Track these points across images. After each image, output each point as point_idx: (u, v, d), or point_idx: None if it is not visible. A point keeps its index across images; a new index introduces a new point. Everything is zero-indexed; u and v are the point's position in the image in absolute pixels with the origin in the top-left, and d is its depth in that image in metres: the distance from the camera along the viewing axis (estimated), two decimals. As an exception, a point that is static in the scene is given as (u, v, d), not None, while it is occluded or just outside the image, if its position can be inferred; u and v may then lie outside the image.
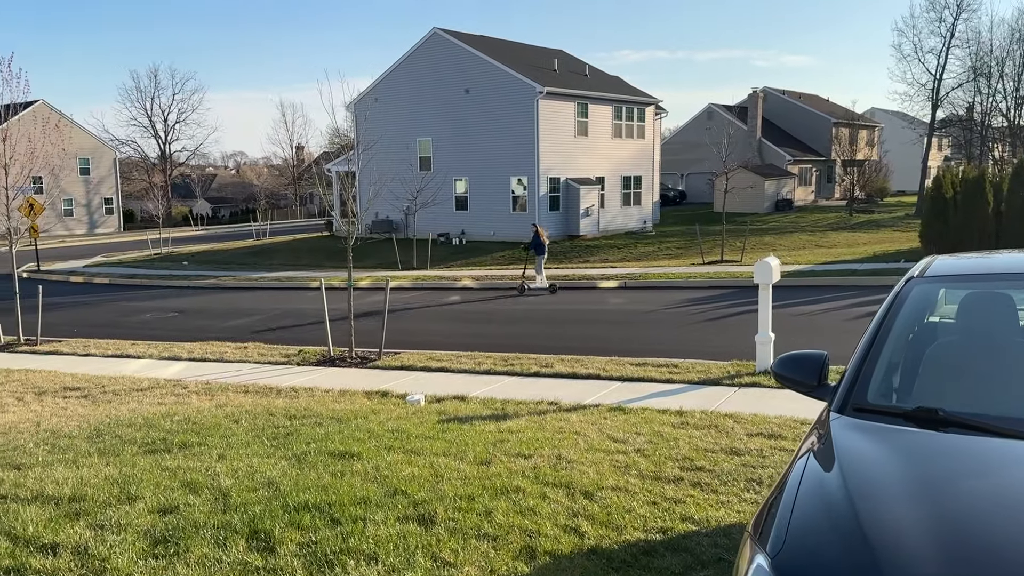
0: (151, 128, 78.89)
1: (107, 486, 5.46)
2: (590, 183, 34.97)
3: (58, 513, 4.93)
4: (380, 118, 31.33)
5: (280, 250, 37.83)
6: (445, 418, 7.91)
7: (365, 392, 9.77)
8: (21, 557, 4.18)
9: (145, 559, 4.17)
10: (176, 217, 70.18)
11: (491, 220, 34.46)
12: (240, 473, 5.76)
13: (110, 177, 65.83)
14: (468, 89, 34.40)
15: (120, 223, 66.49)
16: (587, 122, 35.23)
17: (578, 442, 6.75)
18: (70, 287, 27.69)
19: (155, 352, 13.48)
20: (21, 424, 8.24)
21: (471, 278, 24.56)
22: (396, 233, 34.57)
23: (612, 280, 22.55)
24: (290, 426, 7.62)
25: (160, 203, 50.39)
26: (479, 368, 11.08)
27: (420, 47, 36.29)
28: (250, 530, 4.53)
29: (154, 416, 8.26)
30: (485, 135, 34.18)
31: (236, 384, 10.55)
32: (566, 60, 39.63)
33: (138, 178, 75.51)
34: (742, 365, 10.38)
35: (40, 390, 10.37)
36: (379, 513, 4.84)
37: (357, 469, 5.84)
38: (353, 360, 12.21)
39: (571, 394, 9.13)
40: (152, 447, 6.81)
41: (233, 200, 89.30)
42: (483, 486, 5.40)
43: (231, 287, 26.07)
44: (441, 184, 33.34)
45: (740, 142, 45.61)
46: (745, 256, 26.16)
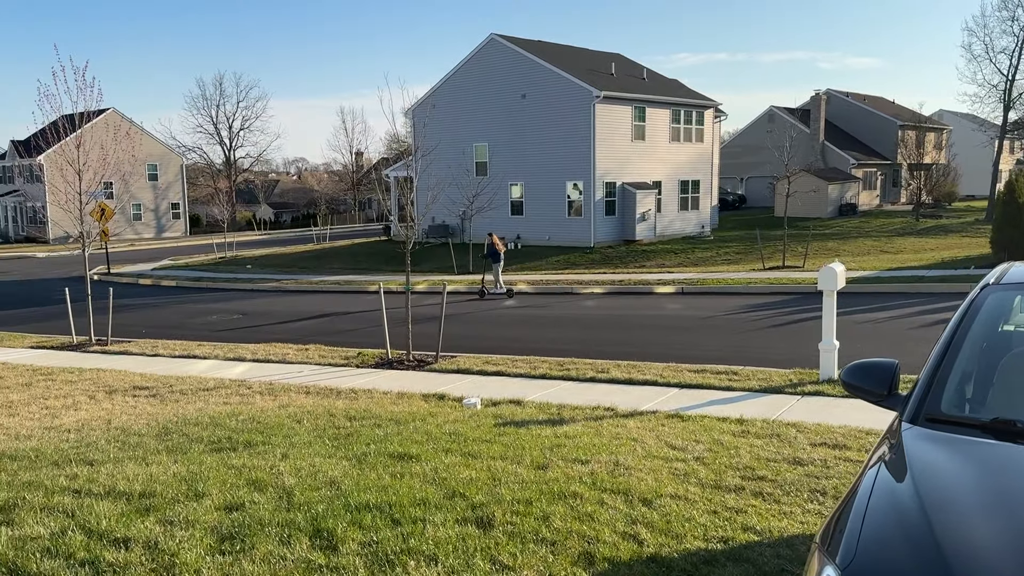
0: (216, 135, 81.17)
1: (175, 483, 5.62)
2: (647, 187, 34.69)
3: (129, 508, 5.09)
4: (437, 124, 31.62)
5: (339, 254, 38.48)
6: (501, 422, 7.93)
7: (422, 395, 9.86)
8: (95, 550, 4.33)
9: (212, 555, 4.28)
10: (240, 222, 71.97)
11: (546, 225, 34.45)
12: (303, 472, 5.87)
13: (177, 183, 67.92)
14: (525, 94, 34.49)
15: (186, 227, 68.53)
16: (644, 126, 34.97)
17: (636, 449, 6.69)
18: (139, 289, 28.64)
19: (220, 353, 13.84)
20: (93, 421, 8.55)
21: (526, 282, 24.59)
22: (452, 238, 34.83)
23: (669, 285, 22.32)
24: (350, 427, 7.74)
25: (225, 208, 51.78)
26: (535, 372, 11.08)
27: (477, 53, 36.54)
28: (313, 528, 4.62)
29: (220, 415, 8.47)
30: (541, 140, 34.21)
31: (298, 385, 10.75)
32: (623, 64, 39.42)
33: (204, 184, 77.75)
34: (804, 373, 10.16)
35: (111, 389, 10.73)
36: (438, 515, 4.88)
37: (416, 471, 5.89)
38: (411, 363, 12.34)
39: (628, 400, 9.06)
40: (218, 445, 6.99)
41: (294, 205, 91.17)
42: (540, 491, 5.39)
43: (292, 290, 26.62)
44: (497, 189, 33.47)
45: (802, 145, 44.71)
46: (807, 262, 25.61)
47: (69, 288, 17.45)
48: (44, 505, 5.18)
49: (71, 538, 4.51)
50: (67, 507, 5.12)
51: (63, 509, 5.09)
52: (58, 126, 16.62)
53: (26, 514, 4.99)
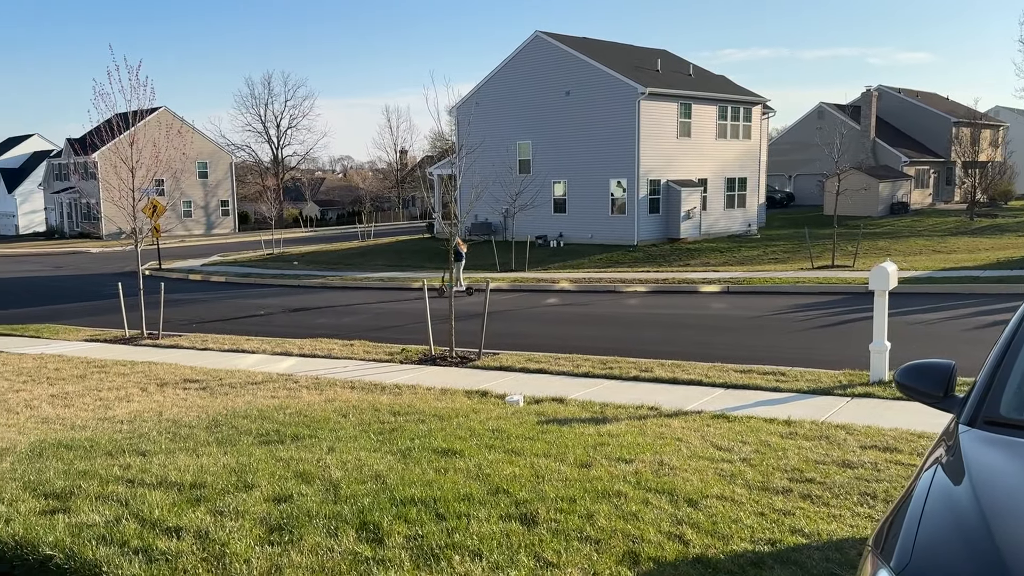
0: (264, 133, 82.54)
1: (225, 474, 5.73)
2: (692, 185, 34.33)
3: (181, 498, 5.20)
4: (481, 122, 31.73)
5: (383, 251, 38.84)
6: (544, 419, 7.92)
7: (465, 391, 9.90)
8: (148, 538, 4.44)
9: (262, 545, 4.35)
10: (287, 219, 73.11)
11: (589, 223, 34.32)
12: (349, 466, 5.93)
13: (226, 180, 69.25)
14: (569, 91, 34.39)
15: (235, 224, 69.84)
16: (690, 123, 34.61)
17: (680, 449, 6.63)
18: (189, 284, 29.26)
19: (268, 348, 14.07)
20: (145, 413, 8.76)
21: (569, 280, 24.53)
22: (495, 235, 34.90)
23: (714, 284, 22.07)
24: (395, 422, 7.80)
25: (272, 205, 52.60)
26: (577, 370, 11.05)
27: (522, 51, 36.54)
28: (360, 521, 4.66)
29: (267, 409, 8.62)
30: (585, 137, 34.08)
31: (343, 380, 10.88)
32: (669, 60, 39.06)
33: (252, 181, 79.13)
34: (854, 375, 9.96)
35: (162, 381, 10.98)
36: (482, 510, 4.89)
37: (460, 466, 5.92)
38: (453, 359, 12.40)
39: (672, 399, 8.98)
40: (266, 438, 7.11)
41: (340, 203, 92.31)
42: (584, 489, 5.38)
43: (338, 286, 26.94)
44: (540, 187, 33.45)
45: (853, 142, 43.80)
46: (857, 261, 25.10)
47: (122, 283, 17.90)
48: (99, 494, 5.32)
49: (125, 526, 4.63)
50: (121, 496, 5.25)
51: (117, 498, 5.22)
52: (112, 124, 17.07)
53: (82, 502, 5.14)
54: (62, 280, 32.44)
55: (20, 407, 9.31)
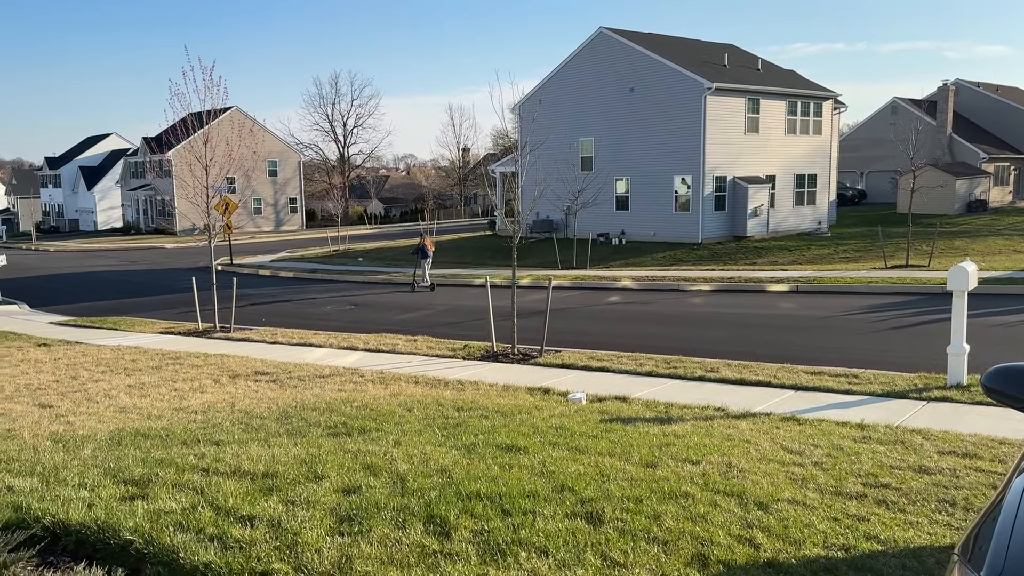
0: (331, 132, 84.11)
1: (296, 465, 5.85)
2: (759, 182, 33.64)
3: (253, 488, 5.33)
4: (543, 119, 31.64)
5: (445, 248, 39.15)
6: (607, 418, 7.87)
7: (528, 388, 9.90)
8: (223, 526, 4.56)
9: (332, 535, 4.42)
10: (352, 216, 74.36)
11: (652, 220, 33.94)
12: (415, 459, 6.00)
13: (295, 178, 70.84)
14: (633, 87, 34.06)
15: (303, 221, 71.39)
16: (758, 118, 33.90)
17: (749, 451, 6.50)
18: (259, 279, 30.03)
19: (335, 342, 14.33)
20: (218, 404, 9.01)
21: (631, 278, 24.32)
22: (556, 233, 34.83)
23: (782, 284, 21.59)
24: (458, 417, 7.85)
25: (338, 203, 53.53)
26: (640, 369, 10.94)
27: (586, 47, 36.34)
28: (427, 515, 4.71)
29: (335, 402, 8.77)
30: (648, 134, 33.71)
31: (407, 375, 11.01)
32: (737, 54, 38.33)
33: (319, 179, 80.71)
34: (931, 378, 9.62)
35: (234, 373, 11.29)
36: (547, 508, 4.88)
37: (524, 463, 5.92)
38: (515, 356, 12.42)
39: (739, 401, 8.82)
40: (334, 430, 7.24)
41: (403, 200, 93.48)
42: (651, 489, 5.31)
43: (401, 282, 27.27)
44: (602, 184, 33.21)
45: (928, 138, 42.31)
46: (932, 261, 24.23)
47: (195, 278, 18.47)
48: (175, 482, 5.49)
49: (201, 514, 4.76)
50: (196, 484, 5.41)
51: (193, 486, 5.38)
52: (187, 123, 17.60)
53: (159, 489, 5.31)
54: (138, 275, 33.65)
55: (99, 396, 9.69)
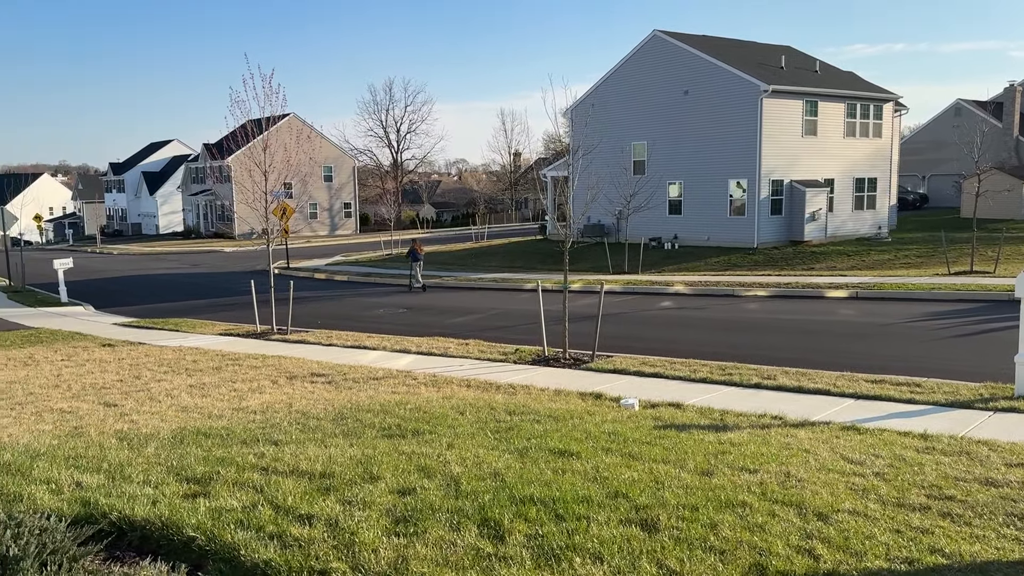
0: (385, 138, 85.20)
1: (352, 465, 5.93)
2: (817, 185, 32.97)
3: (311, 487, 5.42)
4: (596, 123, 31.52)
5: (496, 253, 39.28)
6: (661, 424, 7.80)
7: (579, 393, 9.87)
8: (282, 525, 4.65)
9: (388, 536, 4.47)
10: (405, 220, 75.15)
11: (706, 224, 33.53)
12: (468, 462, 6.03)
13: (349, 184, 71.95)
14: (687, 90, 33.72)
15: (356, 226, 72.43)
16: (816, 121, 33.24)
17: (808, 460, 6.37)
18: (314, 283, 30.54)
19: (388, 345, 14.49)
20: (276, 404, 9.19)
21: (684, 284, 24.05)
22: (607, 237, 34.65)
23: (841, 290, 21.11)
24: (510, 421, 7.87)
25: (391, 208, 54.19)
26: (694, 376, 10.82)
27: (639, 50, 36.13)
28: (481, 518, 4.72)
29: (389, 404, 8.87)
30: (703, 137, 33.33)
31: (459, 378, 11.07)
32: (794, 56, 37.66)
33: (372, 184, 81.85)
34: (997, 388, 9.31)
35: (291, 375, 11.50)
36: (601, 513, 4.86)
37: (577, 468, 5.90)
38: (567, 361, 12.40)
39: (797, 409, 8.65)
40: (389, 432, 7.32)
41: (455, 205, 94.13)
42: (707, 497, 5.25)
43: (452, 287, 27.45)
44: (655, 188, 32.93)
45: (994, 141, 40.95)
46: (998, 267, 23.42)
47: (253, 281, 18.86)
48: (236, 480, 5.62)
49: (261, 512, 4.86)
50: (256, 483, 5.53)
51: (253, 485, 5.49)
52: (247, 130, 18.03)
53: (220, 487, 5.43)
54: (198, 277, 34.53)
55: (162, 396, 9.97)
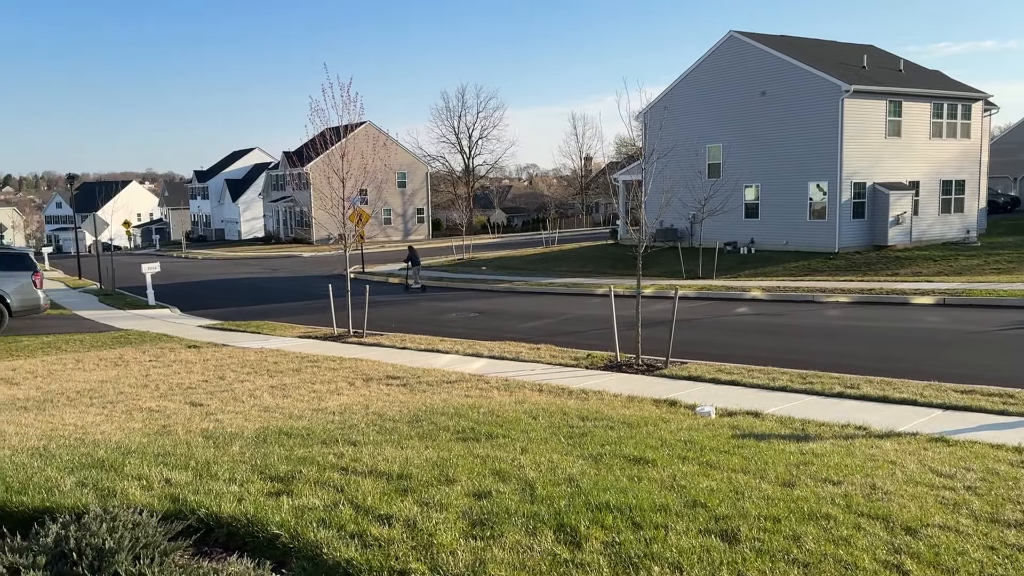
0: (457, 144, 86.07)
1: (428, 467, 6.00)
2: (901, 188, 31.81)
3: (389, 488, 5.51)
4: (670, 125, 31.10)
5: (567, 257, 39.20)
6: (739, 433, 7.64)
7: (653, 400, 9.75)
8: (363, 524, 4.73)
9: (466, 539, 4.50)
10: (476, 225, 75.75)
11: (784, 228, 32.73)
12: (542, 467, 6.02)
13: (422, 189, 72.98)
14: (764, 91, 33.01)
15: (429, 231, 73.39)
16: (900, 121, 32.09)
17: (894, 472, 6.14)
18: (388, 287, 31.06)
19: (460, 349, 14.62)
20: (353, 406, 9.37)
21: (761, 289, 23.53)
22: (680, 242, 34.18)
23: (927, 296, 20.30)
24: (583, 427, 7.83)
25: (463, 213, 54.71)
26: (773, 384, 10.56)
27: (714, 52, 35.57)
28: (557, 523, 4.71)
29: (462, 407, 8.94)
30: (781, 139, 32.57)
31: (531, 383, 11.08)
32: (876, 55, 36.47)
33: (444, 190, 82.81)
34: (1101, 401, 8.79)
35: (367, 377, 11.71)
36: (679, 523, 4.78)
37: (653, 476, 5.83)
38: (639, 367, 12.27)
39: (882, 419, 8.34)
40: (463, 435, 7.38)
41: (525, 209, 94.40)
42: (789, 509, 5.11)
43: (523, 291, 27.53)
44: (730, 191, 32.28)
45: (1094, 139, 38.66)
46: (1100, 273, 22.15)
47: (331, 285, 19.32)
48: (317, 479, 5.75)
49: (341, 511, 4.96)
50: (336, 483, 5.64)
51: (333, 484, 5.61)
52: (325, 137, 18.46)
53: (302, 486, 5.57)
54: (278, 281, 35.55)
55: (245, 396, 10.28)
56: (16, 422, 8.63)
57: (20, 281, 19.57)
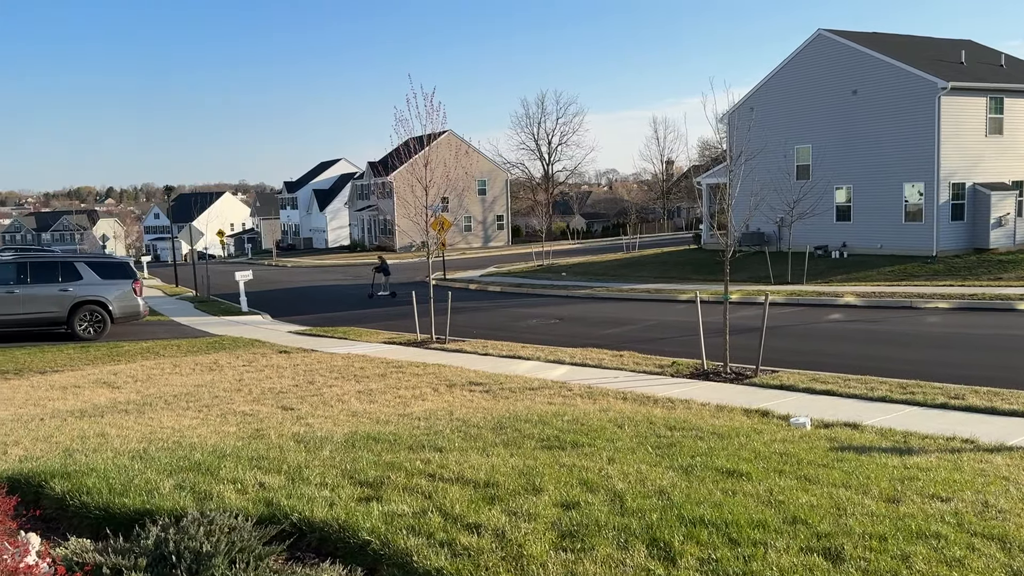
0: (537, 151, 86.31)
1: (514, 476, 5.94)
2: (1004, 188, 30.16)
3: (476, 496, 5.47)
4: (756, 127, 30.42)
5: (648, 263, 38.69)
6: (837, 446, 7.31)
7: (743, 409, 9.45)
8: (451, 532, 4.70)
9: (555, 550, 4.41)
10: (555, 232, 75.71)
11: (877, 231, 31.46)
12: (631, 478, 5.88)
13: (502, 196, 73.42)
14: (856, 90, 31.86)
15: (508, 237, 73.73)
16: (1002, 119, 30.44)
17: (1008, 489, 5.75)
18: (469, 293, 31.29)
19: (542, 355, 14.54)
20: (438, 411, 9.41)
21: (854, 294, 22.64)
22: (767, 246, 33.26)
23: (1035, 301, 19.14)
24: (671, 436, 7.63)
25: (542, 219, 54.70)
26: (872, 394, 10.10)
27: (802, 51, 34.57)
28: (649, 537, 4.57)
29: (546, 414, 8.86)
30: (873, 139, 31.34)
31: (615, 390, 10.91)
32: (975, 50, 34.73)
33: (524, 196, 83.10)
34: None
35: (450, 383, 11.76)
36: (779, 540, 4.57)
37: (748, 490, 5.62)
38: (728, 375, 11.94)
39: (990, 432, 7.86)
40: (548, 443, 7.29)
41: (605, 215, 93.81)
42: (895, 527, 4.83)
43: (603, 297, 27.27)
44: (820, 194, 31.25)
45: None
46: None
47: (413, 292, 19.55)
48: (405, 485, 5.76)
49: (430, 519, 4.94)
50: (424, 489, 5.64)
51: (421, 491, 5.61)
52: (409, 147, 18.74)
53: (391, 492, 5.58)
54: (363, 288, 36.27)
55: (333, 401, 10.46)
56: (118, 425, 8.99)
57: (121, 289, 20.54)
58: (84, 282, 20.12)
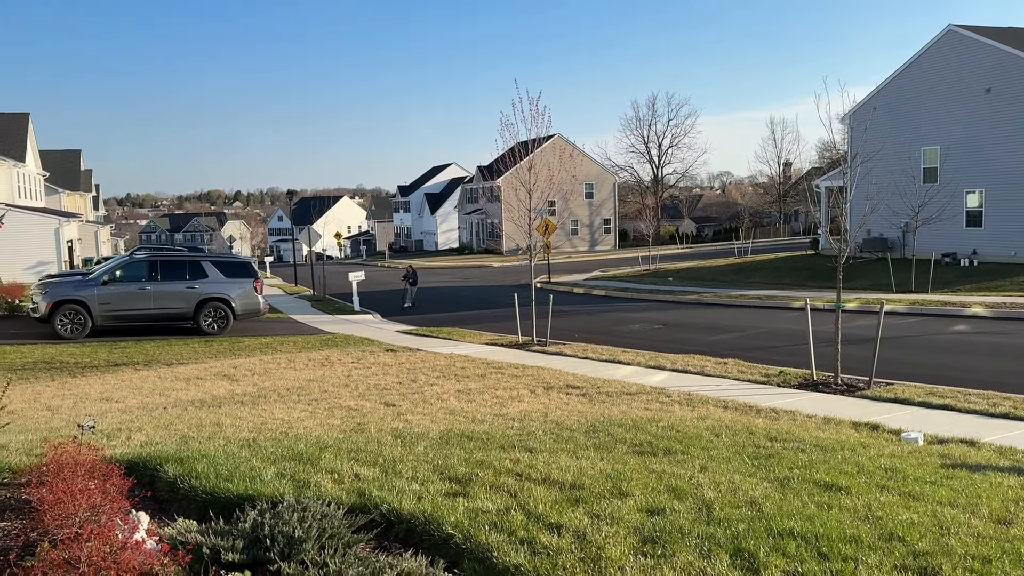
0: (646, 154, 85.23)
1: (601, 479, 5.93)
2: None
3: (561, 497, 5.49)
4: (878, 128, 29.01)
5: (761, 268, 37.53)
6: (949, 463, 6.90)
7: (852, 422, 9.06)
8: (533, 531, 4.74)
9: (635, 555, 4.38)
10: (663, 236, 74.55)
11: (1012, 238, 29.39)
12: (722, 487, 5.76)
13: (609, 200, 72.99)
14: (990, 88, 29.90)
15: (615, 241, 73.21)
16: None
17: None
18: (572, 297, 31.27)
19: (642, 360, 14.39)
20: (532, 413, 9.48)
21: (983, 305, 21.24)
22: (890, 252, 31.65)
23: None
24: (771, 448, 7.41)
25: (650, 223, 54.02)
26: (994, 410, 9.48)
27: (930, 48, 32.74)
28: (734, 547, 4.47)
29: (641, 420, 8.77)
30: (1009, 139, 29.31)
31: (715, 398, 10.67)
32: None
33: (632, 200, 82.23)
34: None
35: (548, 385, 11.82)
36: (872, 556, 4.37)
37: (845, 504, 5.39)
38: (838, 387, 11.47)
39: None
40: (640, 449, 7.23)
41: (717, 219, 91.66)
42: (1002, 549, 4.53)
43: (711, 303, 26.67)
44: (949, 197, 29.50)
45: None
46: None
47: (517, 294, 19.73)
48: (492, 483, 5.85)
49: (513, 516, 5.00)
50: (510, 488, 5.71)
51: (507, 489, 5.68)
52: (515, 151, 18.94)
53: (478, 489, 5.68)
54: (469, 290, 36.88)
55: (433, 399, 10.71)
56: (233, 415, 9.52)
57: (243, 287, 21.71)
58: (209, 280, 21.38)
